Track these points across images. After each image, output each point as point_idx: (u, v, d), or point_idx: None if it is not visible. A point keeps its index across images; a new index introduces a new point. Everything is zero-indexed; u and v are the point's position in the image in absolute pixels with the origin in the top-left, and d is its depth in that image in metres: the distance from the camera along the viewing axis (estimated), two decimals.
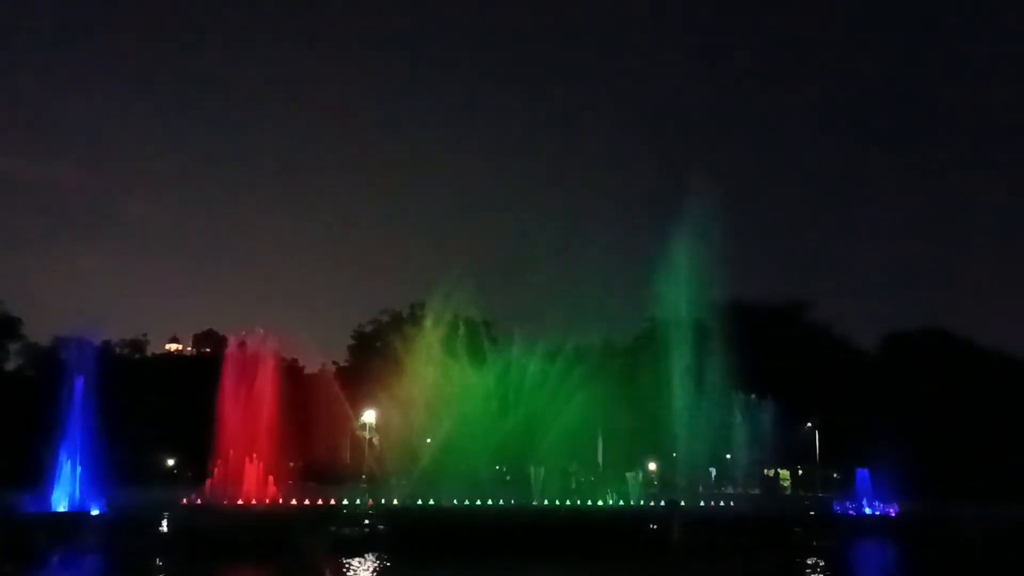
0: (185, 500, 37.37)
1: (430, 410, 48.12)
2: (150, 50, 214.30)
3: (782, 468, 79.04)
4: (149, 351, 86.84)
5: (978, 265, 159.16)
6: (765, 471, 76.79)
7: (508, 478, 55.66)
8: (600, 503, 44.38)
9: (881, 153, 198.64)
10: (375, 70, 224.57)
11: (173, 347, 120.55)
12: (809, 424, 69.70)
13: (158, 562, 30.60)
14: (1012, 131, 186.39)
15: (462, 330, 52.52)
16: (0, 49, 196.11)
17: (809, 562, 34.13)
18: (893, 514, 46.35)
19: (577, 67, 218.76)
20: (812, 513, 46.68)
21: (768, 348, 57.78)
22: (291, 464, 45.45)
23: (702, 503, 46.28)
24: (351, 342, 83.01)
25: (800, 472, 77.71)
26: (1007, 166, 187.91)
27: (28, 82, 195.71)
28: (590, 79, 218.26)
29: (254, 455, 39.21)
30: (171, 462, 72.81)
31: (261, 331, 43.08)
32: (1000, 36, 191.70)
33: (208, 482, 39.42)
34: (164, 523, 35.35)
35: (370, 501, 39.92)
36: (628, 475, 49.38)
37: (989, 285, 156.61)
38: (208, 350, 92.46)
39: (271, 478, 39.05)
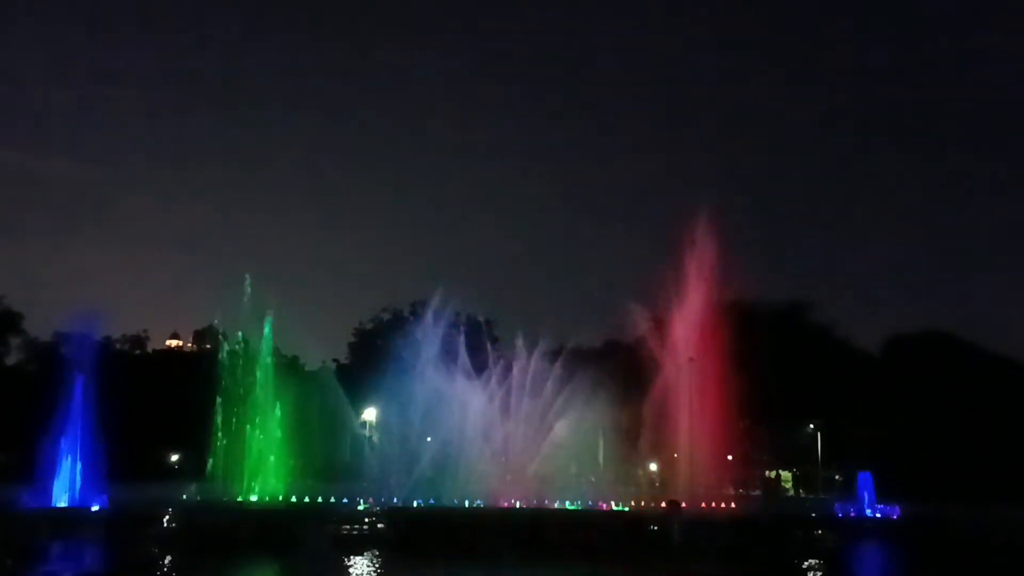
0: (185, 496, 37.35)
1: (430, 409, 47.97)
2: (153, 48, 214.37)
3: (783, 470, 78.96)
4: (150, 347, 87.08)
5: (982, 267, 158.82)
6: (766, 472, 76.78)
7: (508, 478, 55.55)
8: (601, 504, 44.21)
9: (884, 153, 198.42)
10: (375, 68, 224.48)
11: (174, 343, 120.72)
12: (811, 426, 69.61)
13: (158, 559, 30.53)
14: (1017, 131, 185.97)
15: (463, 328, 52.49)
16: (4, 45, 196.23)
17: (810, 564, 34.04)
18: (895, 516, 46.16)
19: (579, 65, 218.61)
20: (813, 515, 46.48)
21: (770, 349, 57.62)
22: (291, 462, 45.42)
23: (702, 504, 46.12)
24: (352, 339, 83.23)
25: (801, 474, 77.62)
26: (1012, 167, 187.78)
27: (31, 77, 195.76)
28: (592, 77, 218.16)
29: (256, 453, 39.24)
30: (173, 458, 72.87)
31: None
32: (1005, 36, 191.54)
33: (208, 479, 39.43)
34: (165, 519, 35.31)
35: (370, 500, 39.89)
36: None
37: (992, 288, 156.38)
38: (208, 346, 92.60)
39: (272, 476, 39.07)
